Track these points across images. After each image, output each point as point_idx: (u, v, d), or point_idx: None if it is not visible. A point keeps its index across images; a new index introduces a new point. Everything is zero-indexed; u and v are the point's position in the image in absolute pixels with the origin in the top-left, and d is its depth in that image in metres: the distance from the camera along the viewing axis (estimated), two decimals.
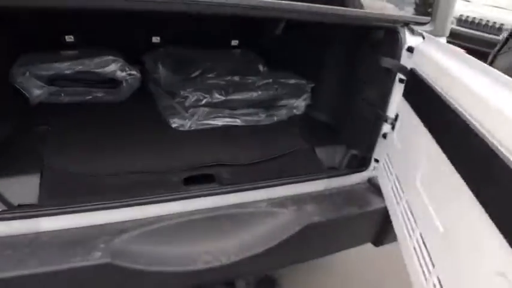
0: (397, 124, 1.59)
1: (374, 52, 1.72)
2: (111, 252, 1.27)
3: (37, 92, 1.93)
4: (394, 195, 1.49)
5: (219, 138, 1.84)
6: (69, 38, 2.37)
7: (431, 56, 1.35)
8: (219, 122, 1.93)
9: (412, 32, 1.58)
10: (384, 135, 1.72)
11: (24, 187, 1.39)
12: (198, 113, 1.90)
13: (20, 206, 1.34)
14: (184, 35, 2.54)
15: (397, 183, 1.49)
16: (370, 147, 1.76)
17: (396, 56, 1.57)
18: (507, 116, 0.83)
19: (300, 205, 1.60)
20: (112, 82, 2.07)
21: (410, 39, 1.57)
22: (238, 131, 1.92)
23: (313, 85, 2.19)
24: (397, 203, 1.45)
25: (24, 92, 1.91)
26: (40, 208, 1.33)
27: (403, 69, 1.53)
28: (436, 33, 1.64)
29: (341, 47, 2.02)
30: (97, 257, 1.24)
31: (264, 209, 1.57)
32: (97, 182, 1.50)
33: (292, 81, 2.14)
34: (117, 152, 1.65)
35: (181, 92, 1.95)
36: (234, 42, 2.69)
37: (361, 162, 1.81)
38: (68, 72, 1.98)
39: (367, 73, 1.78)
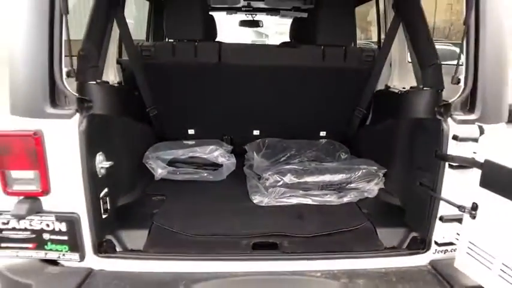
0: (482, 212, 1.61)
1: (425, 141, 1.91)
2: None
3: (160, 170, 2.56)
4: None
5: (289, 213, 2.16)
6: (191, 131, 3.08)
7: None
8: (293, 200, 2.27)
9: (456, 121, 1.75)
10: (441, 218, 1.82)
11: (136, 237, 1.91)
12: (275, 192, 2.28)
13: (132, 250, 1.85)
14: (279, 128, 3.04)
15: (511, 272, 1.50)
16: (429, 229, 1.86)
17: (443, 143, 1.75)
18: None
19: (352, 279, 1.77)
20: (215, 165, 2.62)
21: (455, 129, 1.74)
22: (308, 208, 2.21)
23: (385, 171, 2.39)
24: None
25: (151, 170, 2.57)
26: (144, 253, 1.82)
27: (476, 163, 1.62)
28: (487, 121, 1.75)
29: (406, 137, 2.23)
30: None
31: (317, 278, 1.78)
32: (188, 239, 1.95)
33: (363, 166, 2.39)
34: (207, 219, 2.10)
35: (264, 175, 2.37)
36: (322, 133, 3.08)
37: (422, 245, 1.90)
38: (183, 157, 2.61)
39: (422, 160, 1.95)
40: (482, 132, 1.66)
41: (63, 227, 1.71)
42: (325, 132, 3.08)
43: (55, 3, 1.57)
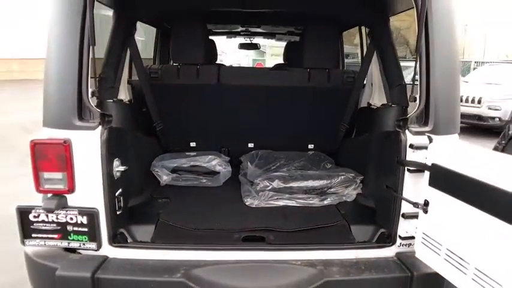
0: (431, 207, 1.93)
1: (390, 150, 2.25)
2: (186, 276, 1.97)
3: (165, 177, 2.91)
4: (455, 266, 1.76)
5: (276, 213, 2.49)
6: (193, 144, 3.45)
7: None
8: (280, 202, 2.60)
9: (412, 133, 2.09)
10: (403, 215, 2.14)
11: (145, 231, 2.25)
12: (264, 195, 2.62)
13: (141, 241, 2.19)
14: (271, 141, 3.40)
15: (453, 256, 1.78)
16: (394, 225, 2.18)
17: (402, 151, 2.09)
18: None
19: (327, 267, 2.09)
20: (213, 173, 2.97)
21: (412, 139, 2.08)
22: (292, 209, 2.55)
23: (361, 177, 2.72)
24: (464, 272, 1.71)
25: (157, 176, 2.91)
26: (151, 244, 2.16)
27: (425, 167, 1.96)
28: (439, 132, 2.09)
29: (378, 147, 2.57)
30: (177, 277, 1.96)
31: (297, 266, 2.10)
32: (188, 233, 2.28)
33: (342, 174, 2.73)
34: (205, 217, 2.44)
35: (255, 180, 2.71)
36: (310, 146, 3.44)
37: (388, 239, 2.22)
38: (185, 165, 2.96)
39: (388, 166, 2.29)
40: (431, 141, 2.00)
41: (84, 220, 2.05)
42: (313, 145, 3.44)
43: (84, 37, 1.95)
